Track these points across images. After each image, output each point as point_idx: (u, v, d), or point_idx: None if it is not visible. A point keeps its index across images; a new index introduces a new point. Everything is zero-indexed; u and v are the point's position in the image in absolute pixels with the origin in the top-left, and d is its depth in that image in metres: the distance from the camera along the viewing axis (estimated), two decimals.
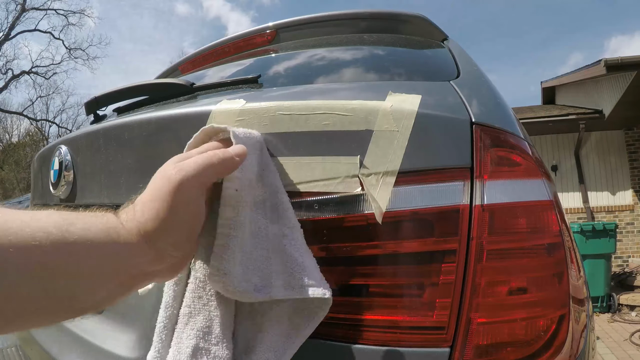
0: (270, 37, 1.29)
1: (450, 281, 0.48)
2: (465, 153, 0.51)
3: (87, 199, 0.80)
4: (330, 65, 1.00)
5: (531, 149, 0.60)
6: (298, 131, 0.54)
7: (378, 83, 0.77)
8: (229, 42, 1.34)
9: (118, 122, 0.73)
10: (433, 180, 0.50)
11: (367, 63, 0.98)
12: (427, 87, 0.62)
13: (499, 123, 0.56)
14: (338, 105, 0.53)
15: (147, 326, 0.61)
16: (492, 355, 0.48)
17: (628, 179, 6.58)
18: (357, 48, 1.14)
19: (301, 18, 1.29)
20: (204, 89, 0.85)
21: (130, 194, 0.69)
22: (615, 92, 5.43)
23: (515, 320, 0.49)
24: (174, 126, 0.63)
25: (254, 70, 1.07)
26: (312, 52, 1.09)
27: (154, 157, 0.64)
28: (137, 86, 0.92)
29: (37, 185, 1.08)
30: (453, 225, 0.49)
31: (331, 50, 1.10)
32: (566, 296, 0.52)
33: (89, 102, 0.99)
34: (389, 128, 0.51)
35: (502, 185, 0.52)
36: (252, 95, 0.64)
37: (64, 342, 0.72)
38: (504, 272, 0.50)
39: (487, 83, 0.73)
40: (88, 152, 0.79)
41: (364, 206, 0.50)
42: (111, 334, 0.67)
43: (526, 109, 7.75)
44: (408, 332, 0.48)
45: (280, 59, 1.11)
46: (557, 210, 0.55)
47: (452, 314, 0.48)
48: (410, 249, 0.50)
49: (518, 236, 0.51)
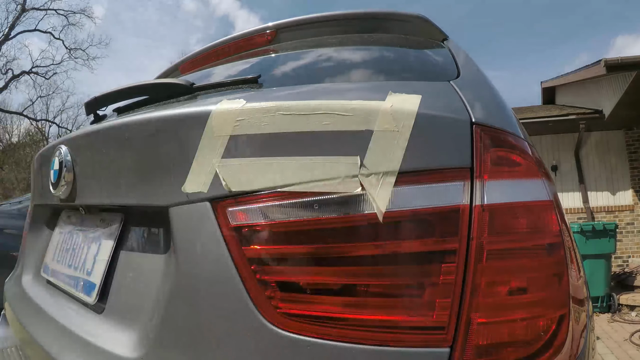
0: (270, 37, 1.29)
1: (450, 281, 0.48)
2: (465, 153, 0.51)
3: (87, 199, 0.80)
4: (330, 65, 1.00)
5: (531, 149, 0.60)
6: (298, 131, 0.54)
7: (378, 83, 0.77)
8: (229, 42, 1.34)
9: (118, 122, 0.73)
10: (433, 181, 0.50)
11: (367, 63, 0.98)
12: (427, 88, 0.62)
13: (499, 123, 0.56)
14: (338, 105, 0.53)
15: (147, 326, 0.61)
16: (492, 355, 0.48)
17: (628, 179, 6.57)
18: (357, 48, 1.14)
19: (301, 18, 1.29)
20: (204, 89, 0.85)
21: (130, 194, 0.69)
22: (615, 92, 5.42)
23: (516, 320, 0.49)
24: (174, 126, 0.63)
25: (254, 71, 1.07)
26: (312, 52, 1.09)
27: (153, 157, 0.64)
28: (137, 86, 0.92)
29: (37, 185, 1.08)
30: (453, 225, 0.49)
31: (331, 50, 1.10)
32: (566, 296, 0.52)
33: (89, 102, 0.99)
34: (389, 128, 0.51)
35: (502, 186, 0.52)
36: (252, 95, 0.64)
37: (64, 342, 0.72)
38: (504, 272, 0.50)
39: (487, 83, 0.73)
40: (88, 152, 0.79)
41: (364, 206, 0.50)
42: (111, 334, 0.67)
43: (526, 109, 7.75)
44: (408, 332, 0.48)
45: (280, 59, 1.11)
46: (557, 210, 0.55)
47: (452, 314, 0.48)
48: (411, 249, 0.50)
49: (518, 236, 0.51)
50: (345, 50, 1.11)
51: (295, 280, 0.52)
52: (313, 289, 0.51)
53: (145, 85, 0.92)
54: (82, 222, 0.91)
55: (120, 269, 0.75)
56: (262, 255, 0.53)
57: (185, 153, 0.60)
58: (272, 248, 0.53)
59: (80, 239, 0.88)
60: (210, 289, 0.54)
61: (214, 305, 0.54)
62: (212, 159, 0.57)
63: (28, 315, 0.91)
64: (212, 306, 0.54)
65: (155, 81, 0.96)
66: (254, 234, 0.54)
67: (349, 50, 1.11)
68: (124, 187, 0.69)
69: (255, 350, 0.51)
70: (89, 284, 0.78)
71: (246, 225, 0.54)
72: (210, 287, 0.54)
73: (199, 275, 0.55)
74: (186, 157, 0.59)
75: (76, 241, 0.90)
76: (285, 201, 0.53)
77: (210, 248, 0.55)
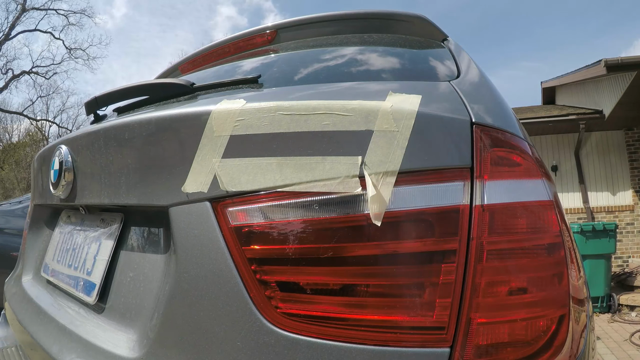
0: (271, 37, 1.29)
1: (450, 281, 0.48)
2: (465, 153, 0.51)
3: (87, 199, 0.80)
4: (330, 65, 1.00)
5: (531, 149, 0.60)
6: (298, 131, 0.54)
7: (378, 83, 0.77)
8: (229, 42, 1.34)
9: (118, 122, 0.73)
10: (433, 181, 0.50)
11: (368, 63, 0.98)
12: (427, 88, 0.62)
13: (499, 123, 0.56)
14: (338, 106, 0.53)
15: (147, 326, 0.61)
16: (492, 355, 0.48)
17: (628, 179, 6.57)
18: (358, 48, 1.14)
19: (301, 18, 1.29)
20: (204, 89, 0.85)
21: (130, 194, 0.69)
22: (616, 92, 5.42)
23: (516, 320, 0.49)
24: (174, 126, 0.63)
25: (254, 71, 1.07)
26: (313, 52, 1.09)
27: (154, 157, 0.64)
28: (137, 86, 0.92)
29: (37, 185, 1.09)
30: (453, 225, 0.49)
31: (331, 50, 1.10)
32: (566, 296, 0.52)
33: (89, 102, 0.99)
34: (389, 128, 0.51)
35: (502, 186, 0.52)
36: (252, 96, 0.64)
37: (64, 342, 0.72)
38: (504, 272, 0.50)
39: (487, 83, 0.73)
40: (88, 152, 0.79)
41: (364, 206, 0.50)
42: (111, 334, 0.67)
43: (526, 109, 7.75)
44: (408, 332, 0.48)
45: (280, 59, 1.11)
46: (557, 210, 0.55)
47: (452, 314, 0.48)
48: (411, 249, 0.50)
49: (518, 236, 0.51)
50: (345, 51, 1.11)
51: (295, 280, 0.52)
52: (313, 289, 0.51)
53: (145, 85, 0.92)
54: (82, 222, 0.91)
55: (120, 269, 0.75)
56: (262, 255, 0.53)
57: (185, 153, 0.60)
58: (272, 248, 0.53)
59: (81, 239, 0.88)
60: (210, 288, 0.54)
61: (213, 305, 0.54)
62: (212, 159, 0.57)
63: (28, 315, 0.91)
64: (212, 306, 0.54)
65: (155, 81, 0.96)
66: (253, 234, 0.54)
67: (349, 51, 1.11)
68: (124, 187, 0.69)
69: (255, 350, 0.51)
70: (89, 283, 0.78)
71: (246, 225, 0.54)
72: (210, 287, 0.54)
73: (199, 275, 0.55)
74: (186, 157, 0.59)
75: (76, 241, 0.90)
76: (285, 201, 0.53)
77: (210, 248, 0.55)
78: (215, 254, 0.55)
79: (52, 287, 0.95)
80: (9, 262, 3.31)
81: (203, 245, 0.56)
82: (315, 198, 0.52)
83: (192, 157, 0.59)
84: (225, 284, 0.53)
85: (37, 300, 0.93)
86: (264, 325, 0.51)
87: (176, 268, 0.58)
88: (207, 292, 0.54)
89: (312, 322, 0.51)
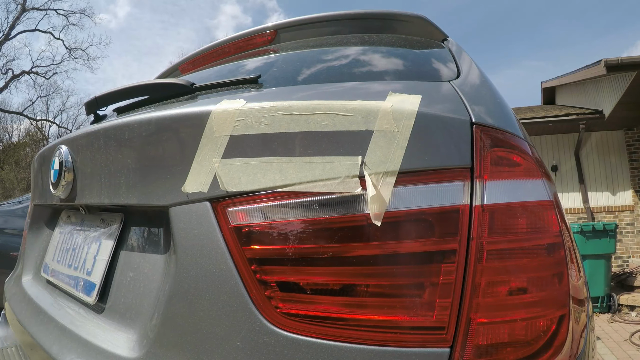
0: (271, 37, 1.29)
1: (450, 281, 0.48)
2: (465, 153, 0.51)
3: (87, 199, 0.80)
4: (330, 65, 1.00)
5: (531, 149, 0.60)
6: (298, 131, 0.54)
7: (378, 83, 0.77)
8: (229, 42, 1.34)
9: (118, 122, 0.73)
10: (433, 181, 0.50)
11: (368, 63, 0.98)
12: (427, 88, 0.62)
13: (499, 123, 0.56)
14: (338, 106, 0.53)
15: (147, 326, 0.61)
16: (492, 355, 0.48)
17: (628, 179, 6.57)
18: (357, 48, 1.14)
19: (301, 18, 1.29)
20: (204, 89, 0.85)
21: (130, 194, 0.69)
22: (616, 92, 5.43)
23: (515, 320, 0.49)
24: (174, 126, 0.63)
25: (254, 71, 1.07)
26: (313, 53, 1.09)
27: (154, 157, 0.64)
28: (137, 86, 0.92)
29: (37, 185, 1.08)
30: (453, 225, 0.49)
31: (331, 50, 1.10)
32: (566, 296, 0.52)
33: (89, 102, 0.99)
34: (389, 128, 0.51)
35: (502, 186, 0.52)
36: (252, 96, 0.64)
37: (64, 342, 0.72)
38: (504, 272, 0.50)
39: (487, 83, 0.73)
40: (88, 152, 0.79)
41: (364, 206, 0.50)
42: (111, 334, 0.67)
43: (526, 109, 7.75)
44: (408, 332, 0.48)
45: (280, 59, 1.11)
46: (557, 211, 0.55)
47: (452, 314, 0.48)
48: (411, 249, 0.50)
49: (518, 236, 0.51)
50: (345, 51, 1.11)
51: (295, 280, 0.52)
52: (313, 289, 0.51)
53: (145, 85, 0.92)
54: (82, 222, 0.91)
55: (120, 269, 0.75)
56: (262, 255, 0.53)
57: (185, 153, 0.60)
58: (272, 248, 0.53)
59: (81, 239, 0.88)
60: (210, 288, 0.54)
61: (213, 305, 0.54)
62: (212, 159, 0.57)
63: (28, 315, 0.91)
64: (212, 306, 0.54)
65: (155, 81, 0.96)
66: (253, 234, 0.54)
67: (348, 51, 1.11)
68: (124, 187, 0.69)
69: (255, 350, 0.51)
70: (89, 283, 0.78)
71: (246, 225, 0.54)
72: (210, 287, 0.54)
73: (199, 275, 0.55)
74: (186, 157, 0.59)
75: (76, 241, 0.90)
76: (285, 201, 0.53)
77: (210, 248, 0.55)
78: (215, 254, 0.55)
79: (52, 287, 0.95)
80: (9, 262, 3.31)
81: (203, 245, 0.56)
82: (315, 198, 0.52)
83: (192, 157, 0.59)
84: (225, 284, 0.53)
85: (37, 300, 0.93)
86: (263, 325, 0.51)
87: (176, 268, 0.58)
88: (207, 292, 0.54)
89: (312, 322, 0.51)
